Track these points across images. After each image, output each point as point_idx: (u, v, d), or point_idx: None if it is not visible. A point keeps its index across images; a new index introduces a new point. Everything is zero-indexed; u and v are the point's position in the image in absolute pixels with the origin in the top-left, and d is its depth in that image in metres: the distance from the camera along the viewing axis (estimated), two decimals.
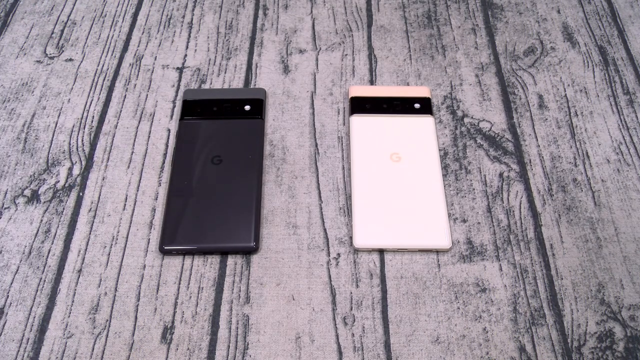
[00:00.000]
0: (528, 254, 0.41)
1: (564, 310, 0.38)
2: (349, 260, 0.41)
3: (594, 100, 0.49)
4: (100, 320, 0.38)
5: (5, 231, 0.42)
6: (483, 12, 0.56)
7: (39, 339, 0.37)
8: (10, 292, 0.39)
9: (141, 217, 0.43)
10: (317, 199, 0.44)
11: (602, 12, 0.56)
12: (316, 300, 0.39)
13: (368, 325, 0.38)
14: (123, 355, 0.37)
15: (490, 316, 0.38)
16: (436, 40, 0.54)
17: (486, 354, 0.37)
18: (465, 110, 0.49)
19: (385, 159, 0.44)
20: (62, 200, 0.44)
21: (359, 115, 0.47)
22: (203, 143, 0.45)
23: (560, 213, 0.43)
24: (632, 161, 0.45)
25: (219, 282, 0.40)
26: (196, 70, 0.52)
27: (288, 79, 0.51)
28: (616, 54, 0.53)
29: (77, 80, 0.51)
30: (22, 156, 0.46)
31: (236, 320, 0.38)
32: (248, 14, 0.56)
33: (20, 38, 0.55)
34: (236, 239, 0.40)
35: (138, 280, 0.40)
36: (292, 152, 0.46)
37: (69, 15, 0.56)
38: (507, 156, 0.46)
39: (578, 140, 0.47)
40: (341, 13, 0.56)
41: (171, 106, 0.49)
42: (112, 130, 0.48)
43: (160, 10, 0.57)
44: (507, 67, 0.52)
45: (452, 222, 0.42)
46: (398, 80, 0.51)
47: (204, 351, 0.37)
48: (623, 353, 0.36)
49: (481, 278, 0.40)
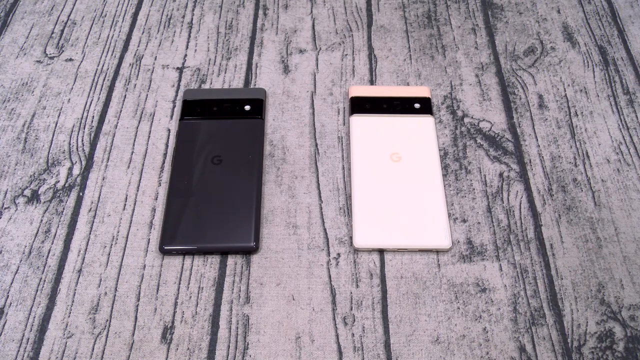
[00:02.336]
0: (528, 254, 0.41)
1: (564, 310, 0.38)
2: (349, 260, 0.41)
3: (594, 100, 0.49)
4: (100, 320, 0.38)
5: (5, 231, 0.42)
6: (483, 12, 0.56)
7: (39, 339, 0.37)
8: (10, 292, 0.39)
9: (141, 217, 0.43)
10: (317, 199, 0.44)
11: (602, 12, 0.56)
12: (316, 300, 0.39)
13: (368, 325, 0.38)
14: (123, 355, 0.37)
15: (490, 316, 0.38)
16: (436, 40, 0.54)
17: (486, 354, 0.37)
18: (465, 110, 0.49)
19: (385, 158, 0.44)
20: (62, 200, 0.44)
21: (359, 115, 0.47)
22: (203, 143, 0.45)
23: (560, 213, 0.43)
24: (632, 161, 0.45)
25: (219, 282, 0.40)
26: (196, 70, 0.52)
27: (288, 79, 0.51)
28: (616, 54, 0.53)
29: (77, 80, 0.51)
30: (22, 156, 0.46)
31: (236, 320, 0.38)
32: (248, 14, 0.56)
33: (20, 38, 0.55)
34: (236, 239, 0.40)
35: (138, 280, 0.40)
36: (292, 152, 0.46)
37: (69, 15, 0.56)
38: (507, 156, 0.46)
39: (578, 140, 0.47)
40: (341, 13, 0.56)
41: (171, 106, 0.49)
42: (112, 130, 0.48)
43: (160, 10, 0.57)
44: (507, 67, 0.52)
45: (452, 222, 0.42)
46: (398, 80, 0.51)
47: (204, 351, 0.37)
48: (623, 353, 0.36)
49: (481, 278, 0.40)
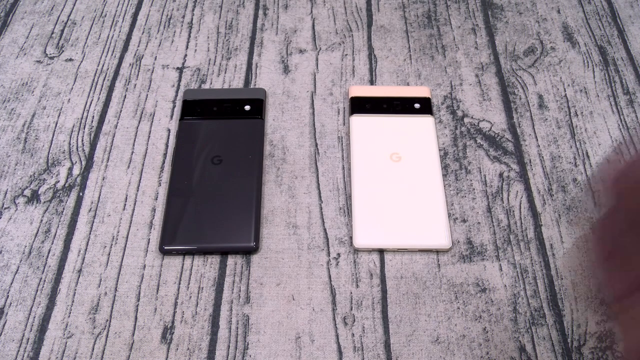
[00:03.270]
0: (528, 254, 0.41)
1: (564, 310, 0.38)
2: (349, 260, 0.41)
3: (594, 100, 0.49)
4: (100, 320, 0.38)
5: (5, 231, 0.42)
6: (483, 12, 0.56)
7: (39, 339, 0.37)
8: (10, 292, 0.39)
9: (141, 217, 0.43)
10: (317, 199, 0.44)
11: (602, 12, 0.56)
12: (316, 300, 0.39)
13: (368, 325, 0.38)
14: (123, 355, 0.37)
15: (490, 316, 0.38)
16: (436, 40, 0.54)
17: (486, 354, 0.37)
18: (465, 110, 0.49)
19: (385, 159, 0.44)
20: (62, 200, 0.44)
21: (359, 115, 0.47)
22: (203, 143, 0.45)
23: (560, 213, 0.43)
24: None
25: (219, 282, 0.40)
26: (196, 70, 0.52)
27: (288, 79, 0.51)
28: (616, 54, 0.52)
29: (77, 80, 0.51)
30: (22, 156, 0.46)
31: (236, 320, 0.38)
32: (248, 14, 0.56)
33: (20, 38, 0.55)
34: (236, 239, 0.40)
35: (138, 280, 0.40)
36: (292, 152, 0.46)
37: (69, 15, 0.56)
38: (507, 156, 0.46)
39: (578, 140, 0.47)
40: (341, 13, 0.56)
41: (171, 106, 0.49)
42: (112, 130, 0.48)
43: (160, 10, 0.57)
44: (507, 67, 0.52)
45: (452, 222, 0.42)
46: (398, 80, 0.51)
47: (204, 351, 0.37)
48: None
49: (481, 278, 0.40)
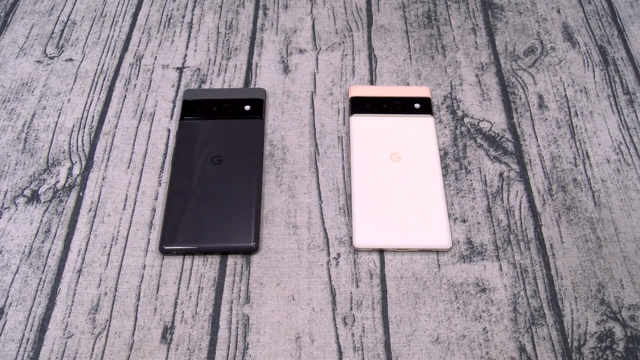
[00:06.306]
0: (528, 254, 0.41)
1: (564, 310, 0.38)
2: (349, 260, 0.41)
3: (594, 100, 0.49)
4: (100, 320, 0.38)
5: (5, 231, 0.42)
6: (483, 12, 0.56)
7: (39, 339, 0.37)
8: (10, 292, 0.39)
9: (141, 217, 0.43)
10: (317, 199, 0.44)
11: (602, 12, 0.56)
12: (316, 300, 0.39)
13: (368, 325, 0.38)
14: (123, 355, 0.37)
15: (490, 316, 0.38)
16: (436, 40, 0.54)
17: (486, 354, 0.37)
18: (465, 110, 0.49)
19: (385, 158, 0.44)
20: (62, 200, 0.44)
21: (359, 115, 0.47)
22: (203, 143, 0.45)
23: (560, 213, 0.43)
24: (632, 161, 0.45)
25: (219, 282, 0.40)
26: (196, 70, 0.52)
27: (288, 79, 0.51)
28: (616, 54, 0.52)
29: (77, 80, 0.51)
30: (22, 156, 0.46)
31: (236, 320, 0.38)
32: (248, 14, 0.56)
33: (20, 38, 0.55)
34: (236, 239, 0.40)
35: (138, 280, 0.40)
36: (292, 152, 0.46)
37: (69, 15, 0.56)
38: (507, 156, 0.46)
39: (578, 140, 0.47)
40: (341, 13, 0.56)
41: (171, 106, 0.49)
42: (112, 130, 0.48)
43: (160, 10, 0.57)
44: (507, 67, 0.52)
45: (452, 222, 0.42)
46: (398, 80, 0.51)
47: (204, 351, 0.37)
48: (623, 353, 0.36)
49: (481, 278, 0.40)
